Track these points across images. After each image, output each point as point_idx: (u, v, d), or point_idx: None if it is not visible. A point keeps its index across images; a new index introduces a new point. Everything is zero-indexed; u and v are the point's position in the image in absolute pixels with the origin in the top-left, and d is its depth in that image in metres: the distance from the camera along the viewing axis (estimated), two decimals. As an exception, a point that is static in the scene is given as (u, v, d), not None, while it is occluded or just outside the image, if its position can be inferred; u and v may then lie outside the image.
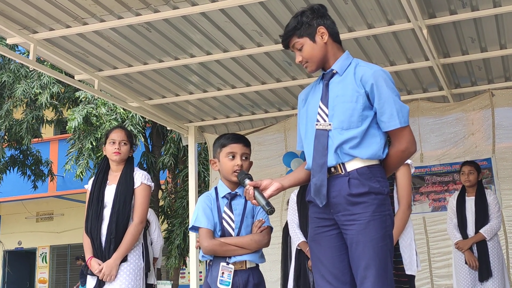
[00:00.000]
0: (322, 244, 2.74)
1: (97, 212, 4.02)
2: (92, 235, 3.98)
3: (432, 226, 6.90)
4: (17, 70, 11.99)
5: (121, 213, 4.00)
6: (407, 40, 5.31)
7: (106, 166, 4.21)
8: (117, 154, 4.12)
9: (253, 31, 5.03)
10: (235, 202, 3.29)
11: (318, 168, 2.71)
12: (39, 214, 19.96)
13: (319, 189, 2.70)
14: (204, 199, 3.33)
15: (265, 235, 3.25)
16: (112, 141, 4.16)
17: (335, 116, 2.71)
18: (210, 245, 3.17)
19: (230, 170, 3.26)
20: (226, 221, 3.23)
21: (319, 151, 2.72)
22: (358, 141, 2.68)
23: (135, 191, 4.10)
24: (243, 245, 3.19)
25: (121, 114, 10.05)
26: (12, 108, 12.47)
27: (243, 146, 3.32)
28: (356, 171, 2.67)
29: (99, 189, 4.09)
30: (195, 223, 3.25)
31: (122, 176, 4.12)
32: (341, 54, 2.85)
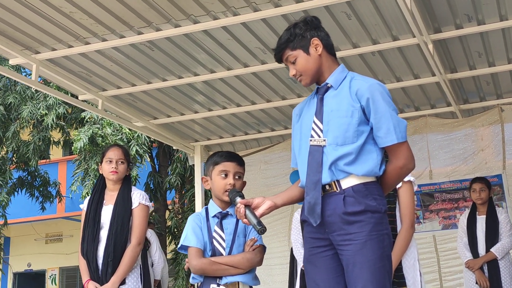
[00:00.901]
0: (318, 265, 2.64)
1: (93, 233, 3.95)
2: (88, 257, 3.91)
3: (443, 245, 6.78)
4: (23, 91, 12.02)
5: (119, 234, 3.93)
6: (413, 56, 5.25)
7: (102, 186, 4.15)
8: (114, 173, 4.06)
9: (257, 49, 5.00)
10: (226, 221, 3.20)
11: (312, 186, 2.62)
12: (48, 236, 19.93)
13: (313, 208, 2.61)
14: (193, 219, 3.24)
15: (258, 253, 3.16)
16: (109, 159, 4.10)
17: (330, 131, 2.63)
18: (199, 264, 3.07)
19: (222, 189, 3.18)
20: (216, 240, 3.14)
21: (313, 168, 2.63)
22: (354, 157, 2.59)
23: (133, 211, 4.03)
24: (234, 263, 3.08)
25: (126, 134, 10.03)
26: (19, 129, 12.50)
27: (237, 165, 3.25)
28: (351, 189, 2.58)
29: (95, 210, 4.02)
30: (184, 242, 3.16)
31: (120, 196, 4.05)
32: (336, 67, 2.77)
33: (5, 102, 12.20)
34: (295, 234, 5.26)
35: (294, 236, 5.26)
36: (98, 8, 4.28)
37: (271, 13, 4.35)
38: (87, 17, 4.39)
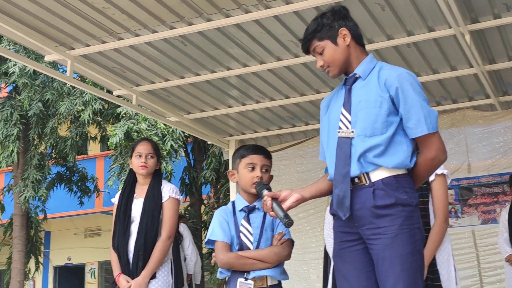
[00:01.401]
0: (347, 260, 2.59)
1: (124, 227, 3.97)
2: (119, 251, 3.93)
3: (482, 240, 6.65)
4: (61, 88, 12.20)
5: (149, 228, 3.94)
6: (449, 47, 5.15)
7: (133, 180, 4.17)
8: (144, 167, 4.07)
9: (289, 42, 4.96)
10: (254, 215, 3.17)
11: (340, 179, 2.57)
12: (87, 230, 20.24)
13: (342, 201, 2.56)
14: (220, 213, 3.22)
15: (286, 247, 3.12)
16: (139, 154, 4.12)
17: (358, 122, 2.58)
18: (226, 258, 3.05)
19: (249, 182, 3.14)
20: (244, 234, 3.11)
21: (341, 160, 2.58)
22: (383, 149, 2.53)
23: (163, 205, 4.03)
24: (262, 258, 3.05)
25: (161, 129, 10.09)
26: (57, 125, 12.70)
27: (264, 157, 3.22)
28: (381, 181, 2.52)
29: (126, 204, 4.04)
30: (211, 236, 3.14)
31: (150, 190, 4.06)
32: (365, 57, 2.70)
33: (43, 99, 12.41)
34: (328, 229, 5.21)
35: (327, 231, 5.21)
36: (130, 4, 4.30)
37: (303, 6, 4.31)
38: (120, 13, 4.42)
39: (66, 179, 14.24)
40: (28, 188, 12.71)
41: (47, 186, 13.45)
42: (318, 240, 7.09)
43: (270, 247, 3.10)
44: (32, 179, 12.77)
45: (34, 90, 12.35)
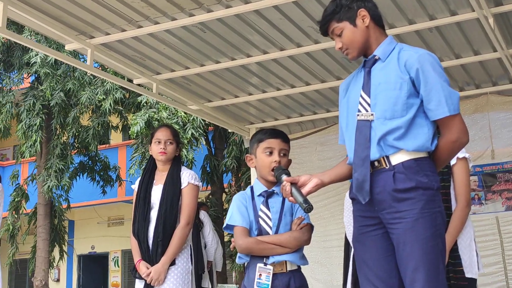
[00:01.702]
0: (367, 245, 2.58)
1: (144, 213, 3.99)
2: (139, 237, 3.95)
3: (507, 226, 6.58)
4: (82, 77, 12.29)
5: (168, 215, 3.95)
6: (472, 31, 5.07)
7: (152, 166, 4.18)
8: (163, 154, 4.08)
9: (309, 28, 4.92)
10: (272, 200, 3.16)
11: (360, 162, 2.55)
12: (110, 219, 20.43)
13: (361, 185, 2.54)
14: (238, 197, 3.22)
15: (305, 232, 3.11)
16: (158, 140, 4.12)
17: (378, 105, 2.55)
18: (245, 243, 3.05)
19: (267, 167, 3.13)
20: (263, 219, 3.11)
21: (361, 144, 2.56)
22: (403, 131, 2.50)
23: (182, 191, 4.04)
24: (281, 242, 3.04)
25: (182, 118, 10.12)
26: (79, 115, 12.81)
27: (282, 141, 3.20)
28: (401, 165, 2.49)
29: (145, 190, 4.06)
30: (229, 221, 3.14)
31: (169, 176, 4.07)
32: (384, 39, 2.66)
33: (65, 89, 12.51)
34: (347, 216, 5.20)
35: (347, 218, 5.20)
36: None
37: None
38: (139, 0, 4.41)
39: (88, 168, 14.38)
40: (51, 177, 12.85)
41: (70, 175, 13.59)
42: (339, 227, 7.05)
43: (289, 232, 3.09)
44: (55, 168, 12.90)
45: (55, 80, 12.45)
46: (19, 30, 11.87)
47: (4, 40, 12.66)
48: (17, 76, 13.50)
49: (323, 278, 6.95)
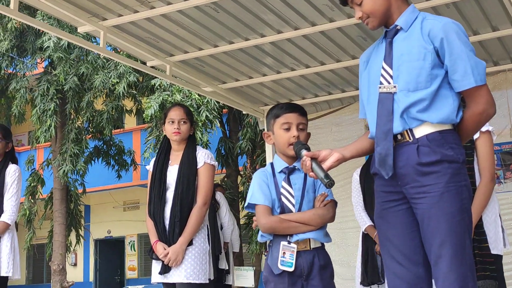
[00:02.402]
0: (390, 221, 2.54)
1: (159, 194, 3.98)
2: (155, 218, 3.95)
3: (525, 205, 6.53)
4: (95, 61, 12.31)
5: (185, 195, 3.94)
6: (490, 6, 4.98)
7: (167, 146, 4.17)
8: (177, 134, 4.07)
9: (324, 6, 4.86)
10: (294, 176, 3.12)
11: (382, 136, 2.51)
12: (126, 203, 20.59)
13: (384, 159, 2.50)
14: (259, 175, 3.17)
15: (329, 208, 3.07)
16: (171, 120, 4.11)
17: (401, 77, 2.49)
18: (269, 222, 3.02)
19: (286, 142, 3.09)
20: (285, 197, 3.07)
21: (383, 117, 2.51)
22: (427, 103, 2.45)
23: (198, 171, 4.03)
24: (305, 220, 3.01)
25: (196, 100, 10.12)
26: (93, 99, 12.84)
27: (299, 115, 3.15)
28: (426, 137, 2.45)
29: (161, 171, 4.05)
30: (251, 200, 3.10)
31: (184, 156, 4.05)
32: (406, 8, 2.60)
33: (78, 73, 12.54)
34: (355, 197, 5.19)
35: (355, 198, 5.19)
36: (161, -29, 4.26)
37: (338, -33, 4.21)
38: (151, -19, 4.39)
39: (103, 153, 14.45)
40: (67, 162, 12.94)
41: (85, 160, 13.67)
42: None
43: (313, 209, 3.06)
44: (70, 153, 12.98)
45: (69, 64, 12.48)
46: (32, 14, 11.88)
47: (17, 25, 12.69)
48: (30, 61, 13.55)
49: (339, 259, 6.95)
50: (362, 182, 5.11)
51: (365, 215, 5.00)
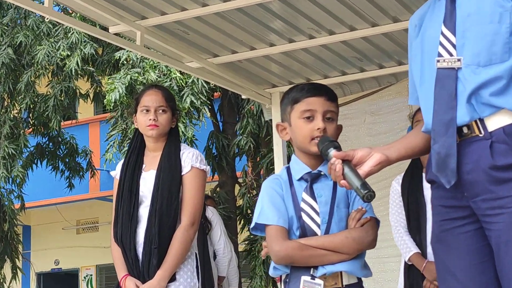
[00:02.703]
0: (453, 247, 2.56)
1: (129, 211, 4.01)
2: (124, 244, 3.97)
3: None
4: (37, 26, 12.29)
5: (164, 212, 3.96)
6: None
7: (139, 145, 4.19)
8: (154, 127, 4.09)
9: (355, -51, 4.88)
10: (319, 185, 3.11)
11: (442, 129, 2.52)
12: (80, 223, 20.61)
13: (444, 161, 2.51)
14: (270, 184, 3.17)
15: (369, 229, 3.06)
16: (145, 108, 4.13)
17: (467, 46, 2.51)
18: (285, 248, 3.00)
19: (307, 137, 3.07)
20: (307, 213, 3.06)
21: (443, 102, 2.52)
22: (505, 83, 2.45)
23: (183, 179, 4.05)
24: (336, 246, 3.00)
25: (177, 80, 10.13)
26: (34, 79, 12.82)
27: (326, 100, 3.13)
28: (502, 131, 2.46)
29: (131, 178, 4.07)
30: (260, 219, 3.09)
31: (164, 157, 4.08)
32: None
33: (14, 43, 12.52)
34: (395, 214, 5.20)
35: (394, 216, 5.20)
36: None
37: None
38: None
39: (49, 153, 14.43)
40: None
41: (23, 163, 13.65)
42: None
43: (345, 230, 3.05)
44: (3, 153, 12.95)
45: (1, 31, 12.47)
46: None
47: None
48: None
49: (376, 299, 6.96)
50: (406, 194, 5.12)
51: (409, 240, 5.01)
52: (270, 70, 7.01)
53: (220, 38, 6.22)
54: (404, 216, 5.08)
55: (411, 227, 5.06)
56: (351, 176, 2.63)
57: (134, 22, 5.78)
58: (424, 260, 4.87)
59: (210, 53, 6.54)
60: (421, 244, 4.95)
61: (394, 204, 5.21)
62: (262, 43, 6.39)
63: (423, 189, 4.98)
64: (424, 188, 4.98)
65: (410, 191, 5.05)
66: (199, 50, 6.44)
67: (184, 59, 6.51)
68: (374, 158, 2.67)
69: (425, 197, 4.97)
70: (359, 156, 2.68)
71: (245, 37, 6.23)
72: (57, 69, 12.77)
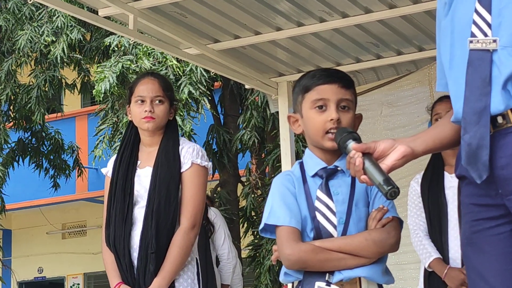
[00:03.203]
0: (486, 250, 2.55)
1: (123, 212, 4.02)
2: (117, 248, 3.98)
3: None
4: (18, 9, 12.29)
5: (162, 213, 3.97)
6: None
7: (134, 139, 4.19)
8: (150, 119, 4.09)
9: None
10: (336, 182, 3.11)
11: (473, 117, 2.50)
12: (66, 227, 20.63)
13: (475, 153, 2.50)
14: (281, 181, 3.16)
15: (391, 230, 3.04)
16: (140, 98, 4.13)
17: (504, 25, 2.49)
18: (297, 252, 2.99)
19: (320, 129, 3.07)
20: (322, 213, 3.06)
21: (475, 88, 2.51)
22: None
23: (183, 176, 4.06)
24: (354, 249, 2.99)
25: (173, 68, 10.13)
26: (15, 67, 12.82)
27: (341, 87, 3.13)
28: None
29: (125, 176, 4.08)
30: (269, 219, 3.09)
31: (161, 153, 4.09)
32: None
33: (-9, 27, 12.54)
34: (413, 216, 5.20)
35: (413, 219, 5.20)
36: None
37: None
38: None
39: (31, 149, 14.44)
40: (-24, 164, 12.95)
41: (3, 160, 13.67)
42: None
43: (365, 232, 3.05)
44: (-19, 150, 12.99)
45: (-23, 14, 12.50)
46: None
47: None
48: None
49: (395, 310, 6.97)
50: (426, 195, 5.13)
51: (429, 244, 5.02)
52: (276, 57, 7.02)
53: (221, 22, 6.22)
54: (424, 219, 5.08)
55: (432, 230, 5.06)
56: (372, 171, 2.62)
57: (126, 4, 5.78)
58: (446, 266, 4.87)
59: (210, 38, 6.54)
60: (443, 249, 4.96)
61: (413, 205, 5.21)
62: (267, 27, 6.39)
63: (444, 188, 4.98)
64: (445, 187, 4.98)
65: (431, 191, 5.05)
66: (197, 35, 6.44)
67: (182, 45, 6.51)
68: (398, 151, 2.66)
69: (447, 196, 4.97)
70: (382, 149, 2.67)
71: (248, 20, 6.23)
72: (41, 56, 12.77)
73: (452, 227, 4.91)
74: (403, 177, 6.13)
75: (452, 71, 2.64)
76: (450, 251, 4.89)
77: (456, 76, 2.61)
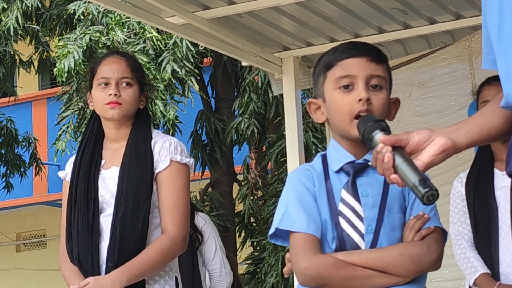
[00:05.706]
0: None
1: (88, 222, 4.03)
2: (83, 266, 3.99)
3: None
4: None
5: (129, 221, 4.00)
6: None
7: (96, 133, 4.20)
8: (115, 104, 4.10)
9: None
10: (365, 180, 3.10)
11: None
12: (20, 238, 20.68)
13: None
14: (297, 177, 3.15)
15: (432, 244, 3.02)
16: (104, 81, 4.14)
17: None
18: (315, 266, 2.98)
19: (346, 113, 3.04)
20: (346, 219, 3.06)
21: None
22: None
23: (160, 177, 4.08)
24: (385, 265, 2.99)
25: (153, 41, 10.14)
26: (-41, 42, 12.89)
27: (370, 61, 3.09)
28: None
29: (86, 179, 4.09)
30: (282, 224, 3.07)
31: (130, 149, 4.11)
32: None
33: None
34: (456, 223, 5.21)
35: (456, 226, 5.21)
36: None
37: None
38: None
39: (-22, 142, 14.50)
40: None
41: None
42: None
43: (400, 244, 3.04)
44: None
45: None
46: None
47: None
48: None
49: None
50: (472, 197, 5.14)
51: (475, 257, 5.04)
52: (280, 27, 7.02)
53: (212, -16, 6.25)
54: (468, 226, 5.09)
55: (478, 240, 5.07)
56: (405, 169, 2.59)
57: (94, -38, 5.81)
58: (495, 283, 4.89)
59: (198, 4, 6.53)
60: (492, 262, 4.97)
61: (456, 210, 5.21)
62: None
63: (494, 189, 4.98)
64: (495, 187, 4.98)
65: (477, 192, 5.05)
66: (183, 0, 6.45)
67: (163, 13, 6.51)
68: (437, 144, 2.63)
69: (497, 198, 4.97)
70: (416, 141, 2.64)
71: (246, -19, 6.26)
72: (-11, 28, 12.84)
73: (504, 236, 4.91)
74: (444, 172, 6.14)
75: (501, 44, 2.63)
76: (501, 264, 4.90)
77: (506, 51, 2.60)
